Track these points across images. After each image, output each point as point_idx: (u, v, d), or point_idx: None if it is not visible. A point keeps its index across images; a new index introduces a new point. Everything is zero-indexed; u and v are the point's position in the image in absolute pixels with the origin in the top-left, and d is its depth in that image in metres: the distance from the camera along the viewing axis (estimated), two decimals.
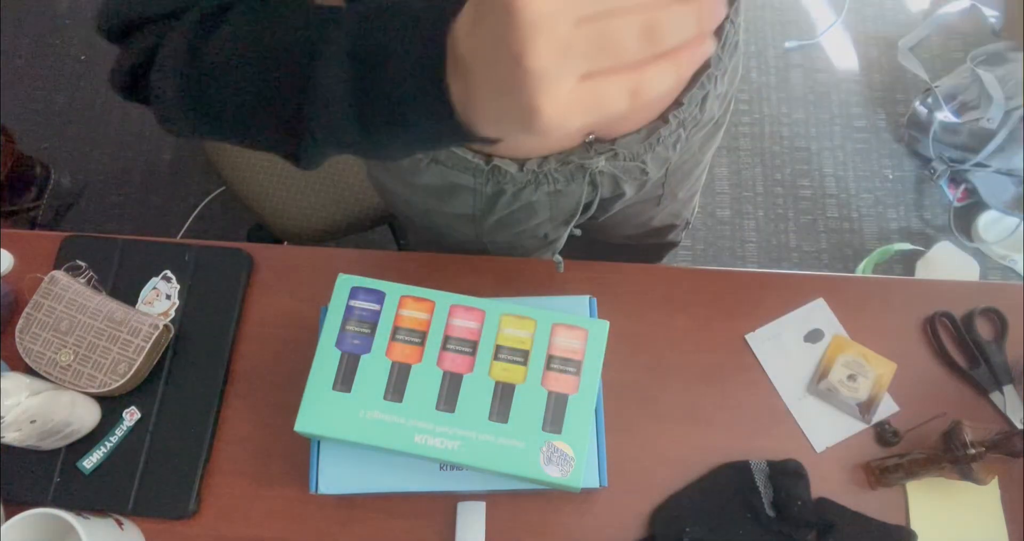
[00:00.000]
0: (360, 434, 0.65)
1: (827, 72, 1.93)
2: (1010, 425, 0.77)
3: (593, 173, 0.70)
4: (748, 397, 0.79)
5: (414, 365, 0.67)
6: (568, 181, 0.71)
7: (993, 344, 0.80)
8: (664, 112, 0.67)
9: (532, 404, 0.66)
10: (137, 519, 0.75)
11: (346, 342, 0.68)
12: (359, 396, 0.66)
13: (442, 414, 0.66)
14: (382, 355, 0.67)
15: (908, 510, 0.74)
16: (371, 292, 0.69)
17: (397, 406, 0.66)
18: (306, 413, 0.66)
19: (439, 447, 0.64)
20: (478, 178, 0.70)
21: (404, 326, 0.68)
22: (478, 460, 0.64)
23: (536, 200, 0.73)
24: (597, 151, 0.67)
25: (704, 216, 1.80)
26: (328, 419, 0.66)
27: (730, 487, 0.75)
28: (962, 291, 0.83)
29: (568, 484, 0.64)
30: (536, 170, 0.68)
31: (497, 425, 0.65)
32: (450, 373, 0.67)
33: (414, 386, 0.66)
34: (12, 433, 0.69)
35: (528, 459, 0.64)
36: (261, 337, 0.82)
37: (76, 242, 0.86)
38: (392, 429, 0.65)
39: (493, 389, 0.66)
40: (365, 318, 0.69)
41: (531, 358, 0.67)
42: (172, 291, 0.83)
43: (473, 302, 0.69)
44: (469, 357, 0.67)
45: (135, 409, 0.78)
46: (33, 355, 0.77)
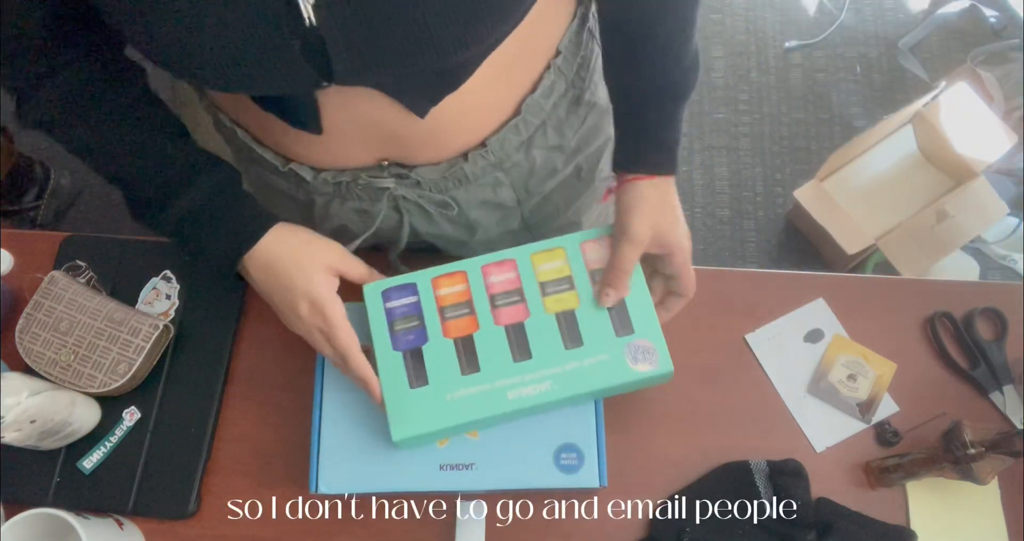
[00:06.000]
0: (457, 416, 0.65)
1: (827, 72, 1.93)
2: (1010, 425, 0.77)
3: (396, 198, 0.72)
4: (748, 397, 0.79)
5: (475, 333, 0.67)
6: (372, 201, 0.73)
7: (993, 344, 0.80)
8: (466, 150, 0.69)
9: (596, 319, 0.67)
10: (137, 519, 0.75)
11: (401, 341, 0.68)
12: (438, 382, 0.66)
13: (522, 364, 0.66)
14: (441, 337, 0.67)
15: (908, 510, 0.74)
16: (402, 288, 0.69)
17: (477, 376, 0.66)
18: (398, 421, 0.65)
19: (535, 393, 0.65)
20: (286, 181, 0.73)
21: (448, 303, 0.69)
22: (575, 388, 0.65)
23: (346, 217, 0.76)
24: (390, 173, 0.69)
25: (704, 216, 1.80)
26: (421, 417, 0.65)
27: (730, 487, 0.75)
28: (962, 291, 0.83)
29: (662, 372, 0.66)
30: (331, 181, 0.71)
31: (575, 351, 0.66)
32: (511, 326, 0.67)
33: (484, 351, 0.67)
34: (12, 433, 0.69)
35: (618, 367, 0.66)
36: (261, 337, 0.82)
37: (76, 242, 0.86)
38: (485, 398, 0.65)
39: (556, 322, 0.67)
40: (408, 312, 0.69)
41: (576, 281, 0.68)
42: (172, 291, 0.83)
43: (499, 256, 0.70)
44: (520, 304, 0.68)
45: (135, 409, 0.78)
46: (33, 355, 0.77)
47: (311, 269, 0.66)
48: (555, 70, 0.68)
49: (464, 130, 0.67)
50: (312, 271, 0.66)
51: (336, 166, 0.70)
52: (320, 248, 0.68)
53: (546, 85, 0.68)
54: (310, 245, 0.67)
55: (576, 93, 0.72)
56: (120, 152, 0.66)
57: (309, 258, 0.66)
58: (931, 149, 1.66)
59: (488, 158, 0.70)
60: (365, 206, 0.74)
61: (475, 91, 0.61)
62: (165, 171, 0.66)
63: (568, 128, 0.74)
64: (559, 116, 0.72)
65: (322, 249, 0.68)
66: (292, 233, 0.67)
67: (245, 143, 0.71)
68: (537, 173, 0.75)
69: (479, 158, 0.70)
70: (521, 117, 0.68)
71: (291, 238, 0.67)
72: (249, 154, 0.73)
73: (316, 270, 0.66)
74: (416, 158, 0.69)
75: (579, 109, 0.74)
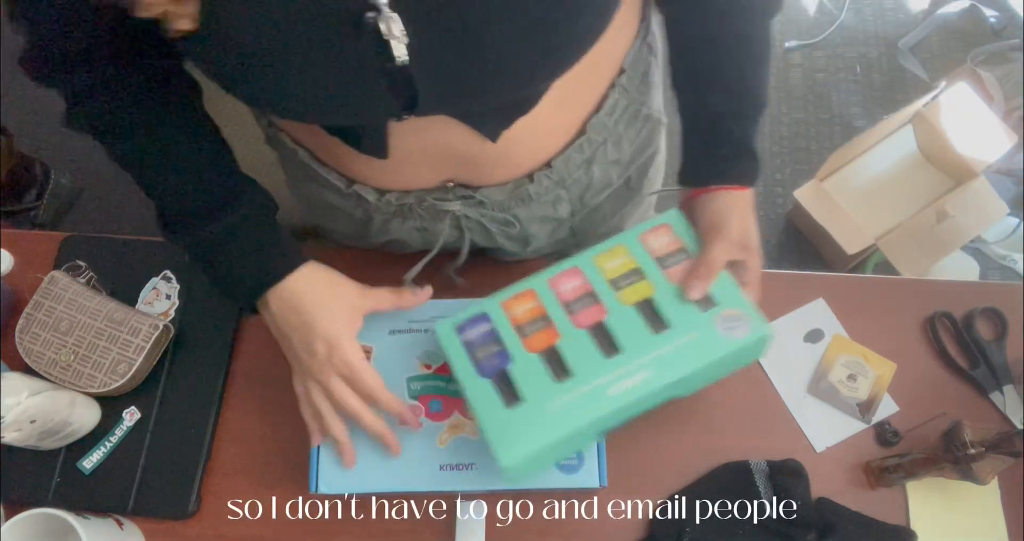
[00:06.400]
0: (562, 424, 0.63)
1: (827, 72, 1.93)
2: (1010, 425, 0.77)
3: (458, 217, 0.72)
4: (748, 397, 0.79)
5: (558, 342, 0.66)
6: (434, 220, 0.73)
7: (993, 344, 0.80)
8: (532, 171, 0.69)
9: (676, 301, 0.66)
10: (137, 519, 0.75)
11: (486, 367, 0.66)
12: (534, 397, 0.64)
13: (614, 359, 0.64)
14: (525, 354, 0.66)
15: (908, 510, 0.74)
16: (473, 319, 0.68)
17: (572, 381, 0.64)
18: (502, 445, 0.62)
19: (636, 384, 0.63)
20: (346, 201, 0.73)
21: (524, 321, 0.67)
22: (674, 370, 0.63)
23: (405, 234, 0.76)
24: (456, 195, 0.69)
25: None
26: (526, 435, 0.62)
27: (730, 487, 0.75)
28: (962, 291, 0.83)
29: (759, 335, 0.64)
30: (395, 203, 0.70)
31: (664, 334, 0.64)
32: (592, 326, 0.66)
33: (571, 356, 0.65)
34: (12, 433, 0.69)
35: (713, 340, 0.64)
36: (261, 337, 0.82)
37: (76, 242, 0.86)
38: (585, 401, 0.63)
39: (637, 311, 0.66)
40: (486, 339, 0.67)
41: (645, 271, 0.67)
42: (172, 291, 0.83)
43: (562, 266, 0.69)
44: (596, 304, 0.67)
45: (135, 409, 0.78)
46: (33, 355, 0.77)
47: (336, 309, 0.66)
48: (619, 89, 0.68)
49: (532, 151, 0.67)
50: (337, 311, 0.66)
51: (401, 188, 0.70)
52: (347, 290, 0.68)
53: (610, 104, 0.68)
54: (337, 286, 0.68)
55: (636, 108, 0.72)
56: (162, 168, 0.66)
57: (335, 298, 0.67)
58: (931, 149, 1.66)
59: (552, 177, 0.70)
60: (426, 225, 0.74)
61: (543, 113, 0.61)
62: (204, 194, 0.66)
63: (626, 142, 0.74)
64: (619, 132, 0.72)
65: (349, 291, 0.68)
66: (320, 273, 0.68)
67: (306, 163, 0.71)
68: (594, 187, 0.76)
69: (544, 178, 0.70)
70: (586, 137, 0.68)
71: (319, 277, 0.67)
72: (308, 173, 0.72)
73: (341, 311, 0.66)
74: (482, 180, 0.68)
75: (636, 123, 0.74)
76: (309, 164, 0.70)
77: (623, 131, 0.72)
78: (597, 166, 0.73)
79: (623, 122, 0.71)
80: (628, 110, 0.71)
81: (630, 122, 0.72)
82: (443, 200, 0.70)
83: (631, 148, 0.75)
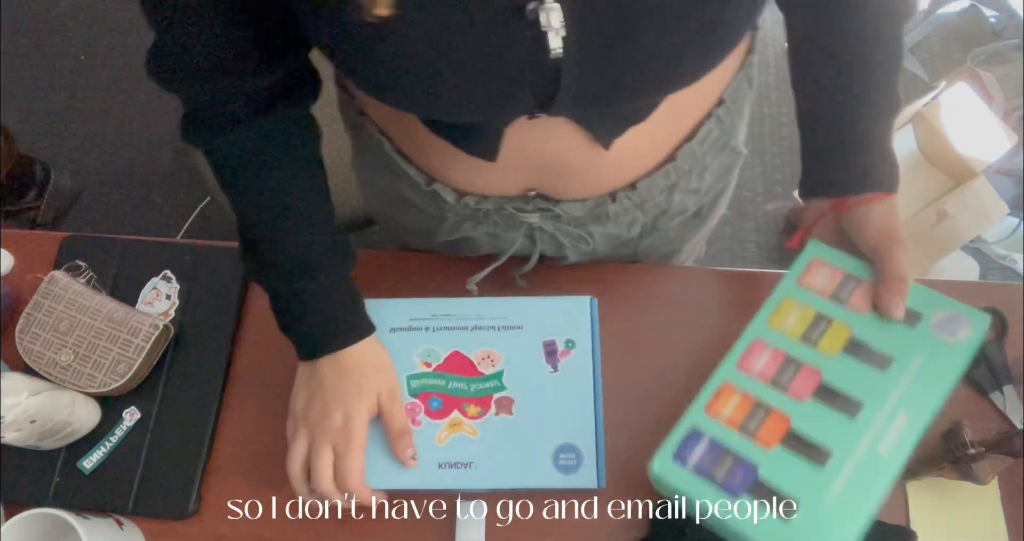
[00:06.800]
0: (863, 507, 0.57)
1: None
2: (1010, 425, 0.77)
3: (532, 227, 0.72)
4: None
5: (792, 424, 0.60)
6: (508, 228, 0.73)
7: (993, 344, 0.80)
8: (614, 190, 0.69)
9: (879, 328, 0.62)
10: (137, 519, 0.75)
11: (734, 484, 0.59)
12: (807, 493, 0.57)
13: (860, 416, 0.59)
14: (766, 452, 0.59)
15: (908, 510, 0.74)
16: (686, 441, 0.62)
17: (835, 458, 0.58)
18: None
19: (904, 430, 0.58)
20: (423, 198, 0.72)
21: (741, 419, 0.61)
22: (932, 397, 0.59)
23: (475, 236, 0.76)
24: (536, 206, 0.69)
25: None
26: (836, 529, 0.56)
27: None
28: (962, 291, 0.83)
29: (982, 324, 0.61)
30: (472, 206, 0.70)
31: (893, 368, 0.60)
32: (815, 391, 0.61)
33: (816, 432, 0.59)
34: (12, 433, 0.69)
35: (946, 352, 0.60)
36: (261, 337, 0.82)
37: (76, 242, 0.86)
38: (865, 471, 0.58)
39: (849, 356, 0.62)
40: (716, 456, 0.61)
41: (828, 313, 0.64)
42: (172, 291, 0.83)
43: (741, 347, 0.64)
44: (804, 367, 0.62)
45: (135, 409, 0.78)
46: (33, 355, 0.77)
47: (369, 392, 0.69)
48: (715, 119, 0.67)
49: (627, 166, 0.66)
50: (370, 395, 0.69)
51: (481, 192, 0.69)
52: (386, 378, 0.71)
53: (703, 132, 0.67)
54: (380, 372, 0.70)
55: (725, 139, 0.71)
56: (266, 207, 0.65)
57: (373, 383, 0.69)
58: (931, 149, 1.66)
59: (634, 199, 0.69)
60: (499, 231, 0.74)
61: (651, 127, 0.60)
62: (305, 248, 0.67)
63: (709, 173, 0.73)
64: (706, 162, 0.71)
65: (386, 380, 0.70)
66: (374, 351, 0.71)
67: (389, 155, 0.70)
68: (670, 213, 0.75)
69: (625, 199, 0.69)
70: (674, 163, 0.67)
71: (372, 356, 0.70)
72: (389, 164, 0.71)
73: (372, 394, 0.69)
74: (564, 192, 0.68)
75: (722, 155, 0.73)
76: (392, 156, 0.69)
77: (709, 162, 0.71)
78: (678, 193, 0.72)
79: (711, 153, 0.70)
80: (718, 141, 0.70)
81: (717, 154, 0.72)
82: (522, 211, 0.69)
83: (712, 179, 0.75)
